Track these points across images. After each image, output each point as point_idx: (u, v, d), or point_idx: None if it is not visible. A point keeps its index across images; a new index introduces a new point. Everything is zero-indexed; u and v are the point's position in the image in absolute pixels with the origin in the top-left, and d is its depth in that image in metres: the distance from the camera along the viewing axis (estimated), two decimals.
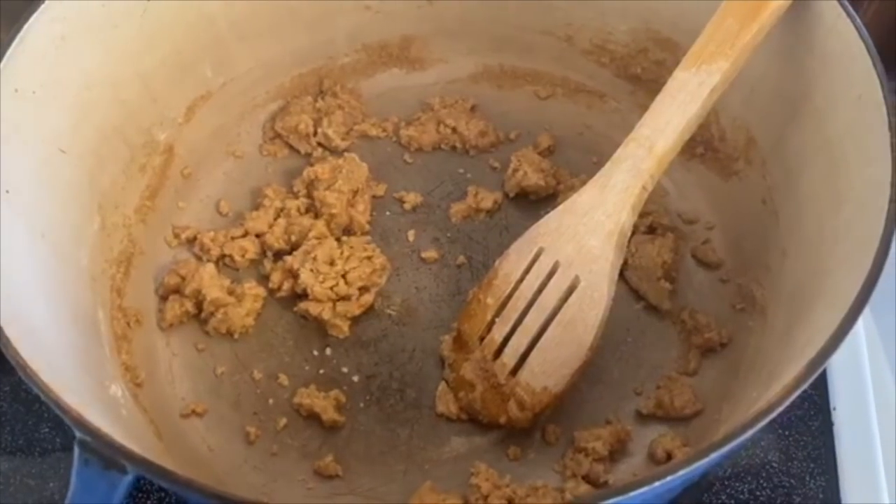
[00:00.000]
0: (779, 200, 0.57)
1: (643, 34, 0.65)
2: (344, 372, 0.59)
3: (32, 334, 0.42)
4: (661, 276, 0.60)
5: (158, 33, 0.59)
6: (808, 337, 0.44)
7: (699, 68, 0.53)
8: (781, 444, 0.57)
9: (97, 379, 0.50)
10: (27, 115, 0.50)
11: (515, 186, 0.66)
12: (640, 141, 0.54)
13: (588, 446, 0.53)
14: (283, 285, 0.61)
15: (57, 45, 0.52)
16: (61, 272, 0.51)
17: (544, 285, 0.55)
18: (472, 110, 0.71)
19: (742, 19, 0.52)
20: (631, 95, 0.68)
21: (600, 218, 0.54)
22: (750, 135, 0.60)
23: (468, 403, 0.56)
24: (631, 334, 0.59)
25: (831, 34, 0.51)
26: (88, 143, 0.56)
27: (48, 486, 0.57)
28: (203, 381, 0.59)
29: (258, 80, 0.68)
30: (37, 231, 0.50)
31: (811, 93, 0.53)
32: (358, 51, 0.71)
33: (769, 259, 0.57)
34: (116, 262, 0.58)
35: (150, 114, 0.61)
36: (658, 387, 0.57)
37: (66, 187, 0.54)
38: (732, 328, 0.58)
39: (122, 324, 0.57)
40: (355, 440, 0.56)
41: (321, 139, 0.69)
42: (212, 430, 0.56)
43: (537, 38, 0.69)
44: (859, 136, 0.49)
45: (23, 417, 0.60)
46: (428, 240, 0.65)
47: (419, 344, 0.60)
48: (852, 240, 0.46)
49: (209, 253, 0.63)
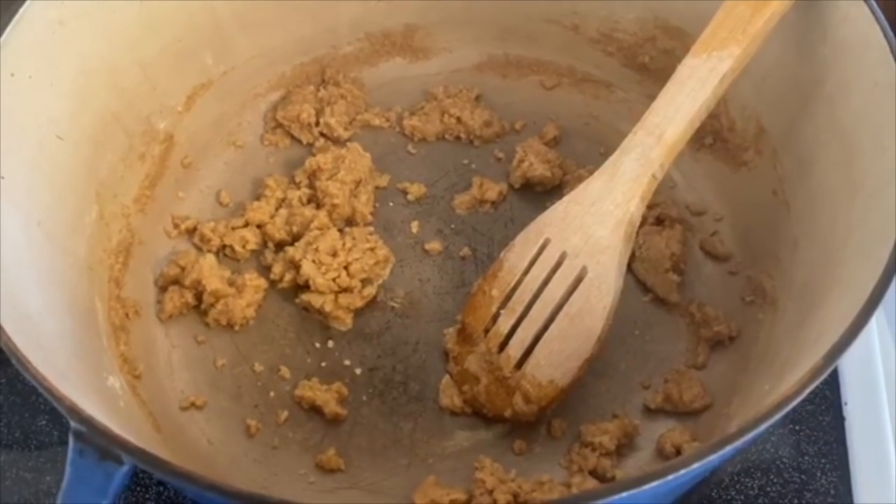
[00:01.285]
0: (790, 191, 0.56)
1: (651, 23, 0.64)
2: (346, 365, 0.58)
3: (27, 322, 0.41)
4: (669, 269, 0.59)
5: (158, 20, 0.59)
6: (822, 328, 0.43)
7: (710, 55, 0.52)
8: (792, 440, 0.57)
9: (94, 370, 0.49)
10: (23, 100, 0.49)
11: (521, 177, 0.65)
12: (649, 129, 0.53)
13: (595, 441, 0.53)
14: (284, 277, 0.60)
15: (54, 30, 0.51)
16: (57, 261, 0.51)
17: (550, 276, 0.55)
18: (477, 100, 0.70)
19: (754, 5, 0.52)
20: (638, 85, 0.67)
21: (608, 207, 0.53)
22: (760, 124, 0.59)
23: (473, 397, 0.55)
24: (638, 327, 0.59)
25: (845, 20, 0.50)
26: (86, 130, 0.55)
27: (45, 479, 0.56)
28: (203, 373, 0.58)
29: (259, 69, 0.67)
30: (32, 219, 0.49)
31: (824, 80, 0.53)
32: (361, 39, 0.70)
33: (780, 250, 0.56)
34: (115, 253, 0.58)
35: (149, 102, 0.61)
36: (666, 380, 0.56)
37: (62, 175, 0.53)
38: (742, 321, 0.57)
39: (121, 315, 0.56)
40: (358, 434, 0.55)
41: (323, 129, 0.68)
42: (212, 423, 0.56)
43: (543, 26, 0.68)
44: (874, 123, 0.48)
45: (19, 410, 0.59)
46: (432, 231, 0.64)
47: (423, 336, 0.59)
48: (867, 230, 0.46)
49: (209, 244, 0.62)
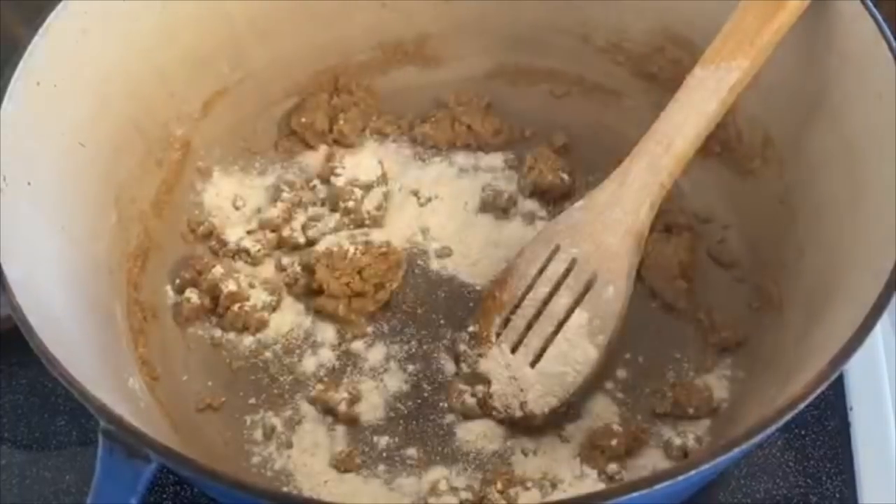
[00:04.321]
0: (796, 199, 0.57)
1: (660, 33, 0.64)
2: (360, 367, 0.59)
3: (55, 324, 0.42)
4: (677, 275, 0.60)
5: (177, 28, 0.60)
6: (828, 335, 0.44)
7: (718, 66, 0.53)
8: (798, 444, 0.57)
9: (116, 371, 0.50)
10: (49, 108, 0.50)
11: (531, 185, 0.66)
12: (658, 138, 0.54)
13: (604, 443, 0.53)
14: (298, 281, 0.61)
15: (78, 39, 0.52)
16: (79, 265, 0.51)
17: (561, 282, 0.56)
18: (488, 108, 0.70)
19: (762, 17, 0.52)
20: (646, 94, 0.67)
21: (618, 215, 0.54)
22: (767, 134, 0.60)
23: (483, 399, 0.56)
24: (647, 332, 0.59)
25: (851, 33, 0.51)
26: (106, 136, 0.56)
27: (64, 478, 0.57)
28: (218, 375, 0.59)
29: (274, 77, 0.68)
30: (56, 223, 0.50)
31: (830, 91, 0.53)
32: (374, 48, 0.70)
33: (786, 258, 0.56)
34: (133, 256, 0.59)
35: (167, 108, 0.62)
36: (674, 385, 0.56)
37: (84, 181, 0.54)
38: (749, 327, 0.58)
39: (139, 317, 0.57)
40: (371, 435, 0.56)
41: (336, 136, 0.69)
42: (227, 424, 0.57)
43: (553, 36, 0.69)
44: (878, 134, 0.49)
45: (39, 411, 0.60)
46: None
47: (434, 340, 0.60)
48: (872, 238, 0.46)
49: (225, 248, 0.63)
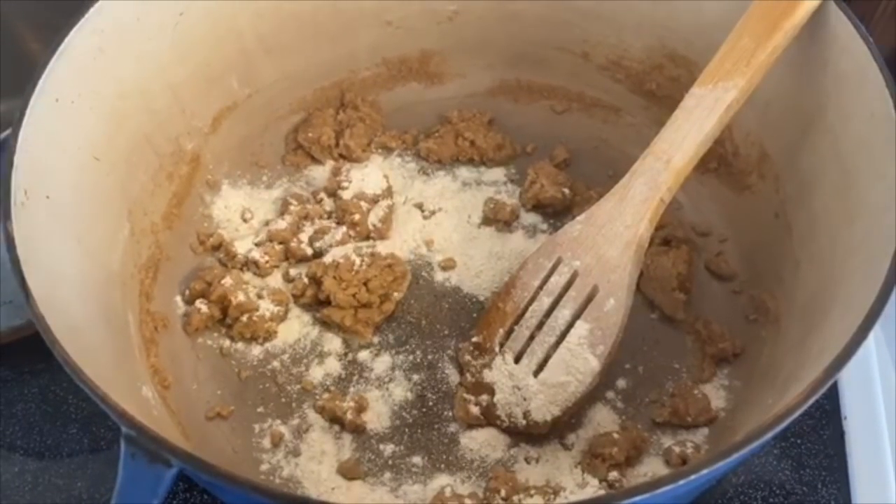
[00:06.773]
0: (792, 214, 0.58)
1: (658, 51, 0.66)
2: (366, 377, 0.60)
3: (74, 334, 0.43)
4: (675, 287, 0.61)
5: (189, 46, 0.61)
6: (823, 345, 0.45)
7: (716, 85, 0.54)
8: (794, 453, 0.58)
9: (130, 380, 0.51)
10: (66, 123, 0.52)
11: (532, 198, 0.67)
12: (657, 154, 0.56)
13: (605, 452, 0.54)
14: (306, 292, 0.62)
15: (94, 56, 0.54)
16: (95, 276, 0.53)
17: (563, 294, 0.57)
18: (490, 124, 0.72)
19: (758, 38, 0.54)
20: (646, 111, 0.69)
21: (619, 229, 0.56)
22: (763, 150, 0.61)
23: (487, 408, 0.57)
24: (646, 343, 0.61)
25: (845, 54, 0.52)
26: (121, 151, 0.57)
27: (76, 485, 0.58)
28: (228, 384, 0.60)
29: (282, 93, 0.70)
30: (73, 236, 0.51)
31: (824, 110, 0.55)
32: (378, 65, 0.72)
33: (782, 271, 0.58)
34: (145, 268, 0.60)
35: (178, 123, 0.63)
36: (673, 395, 0.58)
37: (99, 194, 0.55)
38: (746, 338, 0.59)
39: (151, 328, 0.58)
40: (377, 443, 0.57)
41: (342, 150, 0.70)
42: (236, 433, 0.58)
43: (554, 54, 0.70)
44: (872, 152, 0.50)
45: (51, 419, 0.61)
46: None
47: (439, 350, 0.61)
48: (866, 252, 0.48)
49: (234, 259, 0.64)
